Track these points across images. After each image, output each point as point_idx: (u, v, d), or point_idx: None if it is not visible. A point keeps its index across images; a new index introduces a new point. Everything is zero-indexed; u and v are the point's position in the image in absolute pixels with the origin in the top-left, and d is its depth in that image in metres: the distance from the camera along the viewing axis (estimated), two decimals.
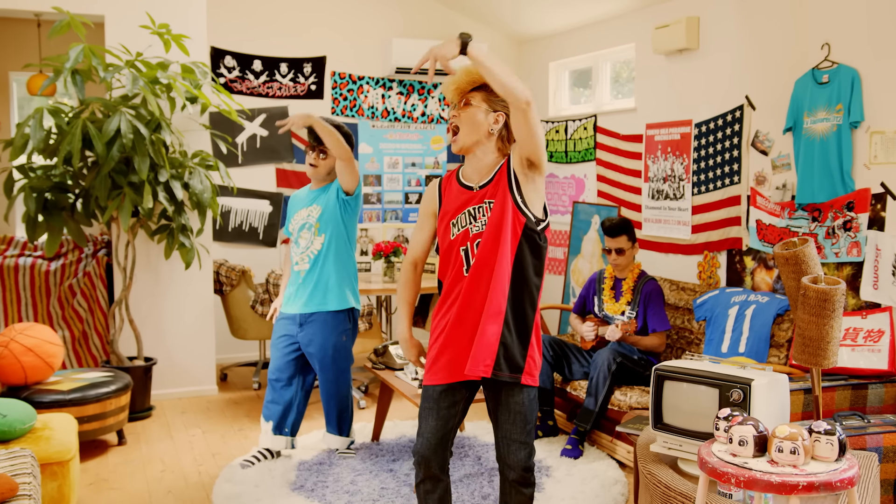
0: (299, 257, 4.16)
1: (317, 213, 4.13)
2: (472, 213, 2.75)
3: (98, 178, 4.80)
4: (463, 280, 2.75)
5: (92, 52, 4.66)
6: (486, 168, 2.77)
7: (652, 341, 4.72)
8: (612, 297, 4.90)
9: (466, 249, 2.74)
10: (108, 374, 4.72)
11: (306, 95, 6.77)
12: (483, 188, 2.75)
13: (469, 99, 2.73)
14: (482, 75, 2.60)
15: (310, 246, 4.12)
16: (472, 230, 2.74)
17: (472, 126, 2.73)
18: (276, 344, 4.23)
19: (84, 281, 5.56)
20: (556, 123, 6.81)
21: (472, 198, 2.77)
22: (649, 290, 4.78)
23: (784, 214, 4.62)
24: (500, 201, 2.70)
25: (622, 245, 4.81)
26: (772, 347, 4.30)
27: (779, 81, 4.65)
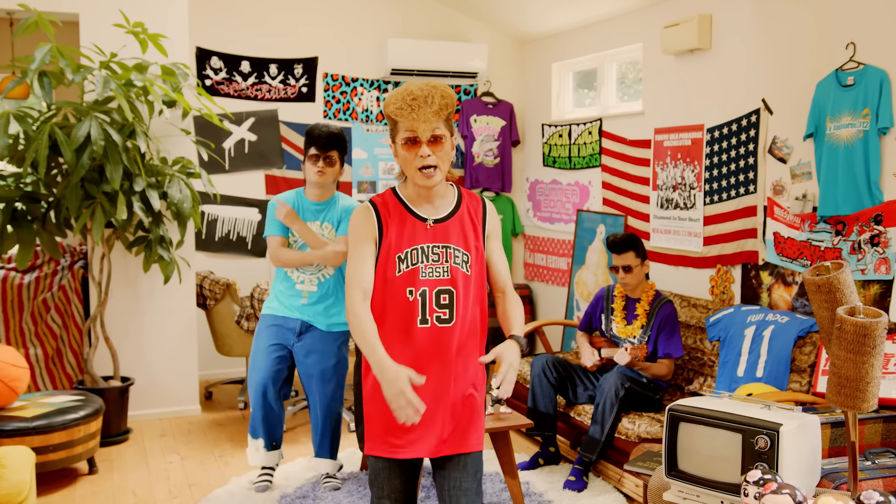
0: (306, 277, 3.93)
1: (331, 236, 3.96)
2: (426, 251, 2.40)
3: (69, 188, 4.48)
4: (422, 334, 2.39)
5: (60, 52, 4.34)
6: (436, 196, 2.44)
7: (660, 370, 4.40)
8: (624, 317, 4.57)
9: (424, 296, 2.38)
10: (79, 397, 4.41)
11: (297, 98, 6.45)
12: (440, 223, 2.43)
13: (439, 133, 2.35)
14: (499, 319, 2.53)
15: (322, 269, 3.93)
16: (428, 273, 2.38)
17: (448, 161, 2.41)
18: (266, 352, 3.92)
19: (58, 295, 5.25)
20: (560, 127, 6.49)
21: (423, 231, 2.41)
22: (666, 314, 4.45)
23: (804, 227, 4.28)
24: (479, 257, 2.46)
25: (629, 262, 4.48)
26: (792, 372, 3.97)
27: (798, 83, 4.32)
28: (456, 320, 2.39)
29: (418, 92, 2.32)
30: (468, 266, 2.42)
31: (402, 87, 2.36)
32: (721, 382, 4.28)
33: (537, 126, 6.85)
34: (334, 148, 3.85)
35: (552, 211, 6.65)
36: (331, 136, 3.83)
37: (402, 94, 2.33)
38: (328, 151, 3.83)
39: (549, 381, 4.43)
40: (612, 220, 5.86)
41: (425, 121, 2.31)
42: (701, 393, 4.51)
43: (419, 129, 2.32)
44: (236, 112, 6.20)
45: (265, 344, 3.91)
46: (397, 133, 2.37)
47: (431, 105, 2.32)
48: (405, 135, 2.34)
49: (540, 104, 6.83)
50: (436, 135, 2.34)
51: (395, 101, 2.34)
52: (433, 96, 2.32)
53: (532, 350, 6.71)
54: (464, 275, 2.41)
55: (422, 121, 2.31)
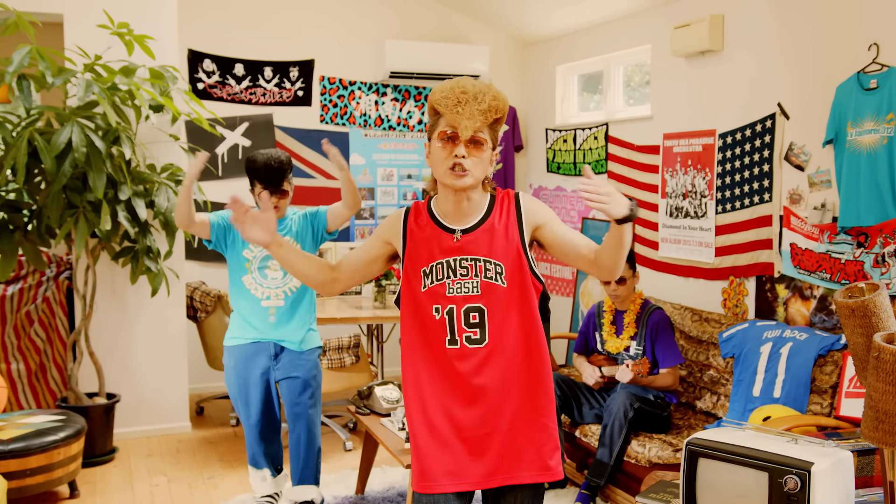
0: (272, 292, 3.65)
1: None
2: (453, 265, 2.19)
3: (50, 197, 4.27)
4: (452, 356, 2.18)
5: (40, 54, 4.13)
6: (470, 209, 2.23)
7: (665, 381, 4.18)
8: (613, 332, 4.36)
9: (452, 315, 2.18)
10: (60, 417, 4.19)
11: (293, 102, 6.24)
12: (467, 234, 2.20)
13: (481, 136, 2.15)
14: (614, 247, 2.09)
15: (288, 282, 3.66)
16: (455, 289, 2.18)
17: (483, 169, 2.18)
18: (253, 386, 3.65)
19: (42, 307, 5.04)
20: (564, 132, 6.27)
21: (450, 244, 2.21)
22: (656, 320, 4.24)
23: (823, 238, 4.06)
24: (514, 264, 2.18)
25: (622, 274, 4.27)
26: (813, 393, 3.74)
27: (817, 87, 4.09)
28: (489, 340, 2.17)
29: (470, 87, 2.12)
30: (503, 277, 2.18)
31: (455, 80, 2.16)
32: (735, 402, 4.05)
33: (541, 131, 6.63)
34: (284, 180, 3.58)
35: None
36: (278, 172, 3.54)
37: (453, 85, 2.13)
38: (279, 185, 3.57)
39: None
40: None
41: (470, 117, 2.10)
42: (713, 413, 4.28)
43: (461, 126, 2.11)
44: (230, 117, 5.99)
45: (249, 377, 3.62)
46: (436, 128, 2.17)
47: (480, 103, 2.11)
48: (444, 129, 2.14)
49: (544, 108, 6.61)
50: (477, 138, 2.14)
51: (442, 91, 2.14)
52: (484, 94, 2.12)
53: None
54: (500, 288, 2.17)
55: (466, 116, 2.10)
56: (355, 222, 6.47)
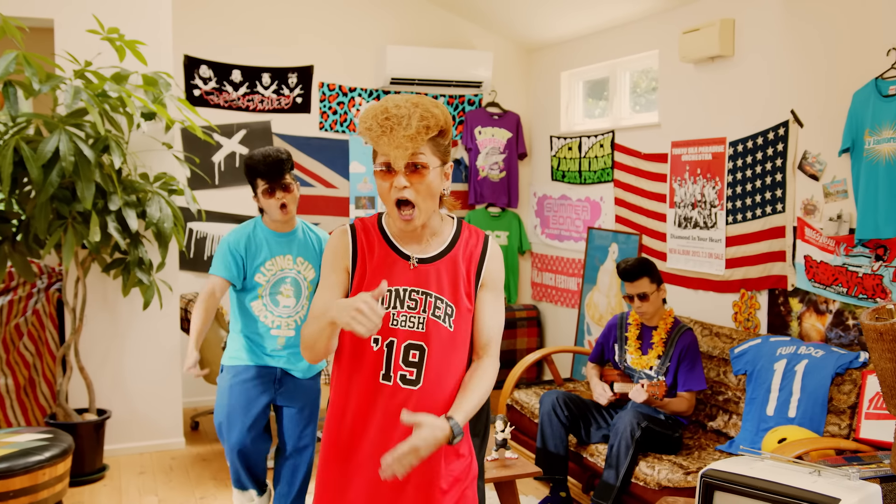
0: (283, 321, 3.39)
1: (311, 275, 3.46)
2: (402, 295, 1.99)
3: (37, 207, 4.13)
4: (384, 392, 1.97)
5: (27, 60, 3.99)
6: (426, 234, 2.03)
7: (680, 406, 4.02)
8: (639, 348, 4.20)
9: (390, 347, 1.97)
10: (46, 435, 4.03)
11: (291, 109, 6.10)
12: (424, 264, 2.01)
13: (420, 160, 1.92)
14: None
15: (300, 311, 3.42)
16: (400, 322, 1.98)
17: (431, 196, 1.96)
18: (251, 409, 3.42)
19: (32, 320, 4.89)
20: (569, 140, 6.11)
21: (403, 272, 2.01)
22: (686, 343, 4.07)
23: (839, 250, 3.90)
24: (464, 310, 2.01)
25: (644, 289, 4.11)
26: (830, 414, 3.57)
27: (832, 93, 3.94)
28: (424, 384, 1.96)
29: (394, 109, 1.88)
30: (451, 321, 1.99)
31: (380, 101, 1.93)
32: (748, 421, 3.89)
33: (545, 138, 6.47)
34: (286, 172, 3.35)
35: (561, 228, 6.27)
36: (277, 163, 3.31)
37: (376, 110, 1.90)
38: (281, 179, 3.33)
39: (559, 420, 4.06)
40: (625, 239, 5.48)
41: (398, 146, 1.88)
42: (725, 432, 4.12)
43: (391, 157, 1.90)
44: (227, 124, 5.85)
45: (241, 402, 3.36)
46: (375, 158, 1.97)
47: (407, 127, 1.86)
48: (379, 160, 1.94)
49: (548, 115, 6.46)
50: (415, 162, 1.91)
51: (365, 120, 1.92)
52: (410, 116, 1.87)
53: (539, 379, 6.31)
54: (446, 331, 1.98)
55: (394, 146, 1.88)
56: None
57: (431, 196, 1.96)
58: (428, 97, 1.95)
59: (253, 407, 3.38)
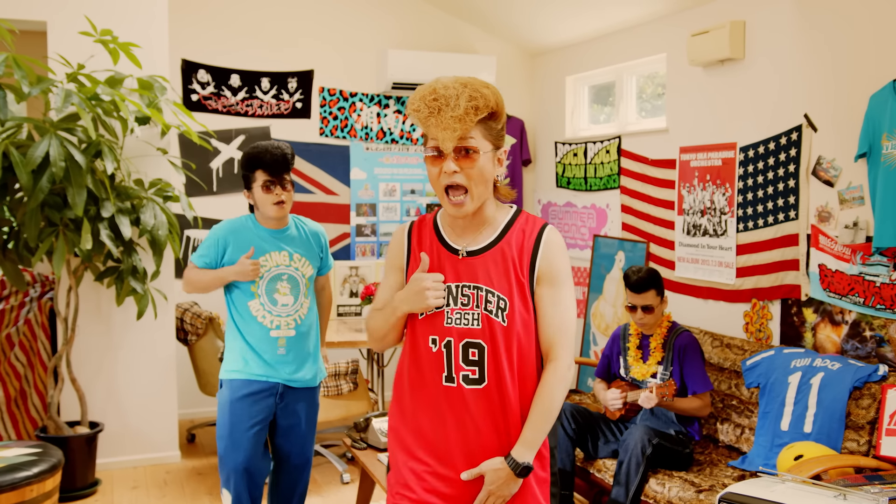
0: (282, 321, 3.23)
1: (308, 272, 3.31)
2: (454, 292, 1.91)
3: (27, 214, 4.01)
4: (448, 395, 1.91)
5: (16, 62, 3.87)
6: (478, 225, 1.95)
7: (692, 404, 3.88)
8: (639, 357, 4.07)
9: (449, 348, 1.90)
10: (35, 450, 3.90)
11: (291, 114, 5.98)
12: (473, 256, 1.92)
13: (470, 144, 1.86)
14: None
15: (299, 309, 3.26)
16: (455, 319, 1.90)
17: (483, 181, 1.89)
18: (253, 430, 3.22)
19: (24, 330, 4.77)
20: (574, 146, 5.99)
21: (454, 267, 1.93)
22: (683, 343, 3.95)
23: (856, 259, 3.76)
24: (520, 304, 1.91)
25: (650, 301, 3.99)
26: (848, 429, 3.43)
27: (848, 96, 3.81)
28: (489, 382, 1.89)
29: (442, 90, 1.83)
30: (504, 315, 1.89)
31: (429, 84, 1.86)
32: (762, 436, 3.75)
33: (550, 144, 6.35)
34: (289, 169, 3.24)
35: (566, 236, 6.14)
36: (284, 158, 3.20)
37: (424, 91, 1.85)
38: (283, 174, 3.20)
39: (566, 434, 3.92)
40: (631, 247, 5.35)
41: (446, 127, 1.82)
42: (737, 447, 3.97)
43: (439, 139, 1.84)
44: (225, 129, 5.74)
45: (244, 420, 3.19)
46: (426, 144, 1.91)
47: (455, 108, 1.81)
48: (428, 145, 1.89)
49: (553, 120, 6.33)
50: (465, 146, 1.85)
51: (413, 101, 1.87)
52: (458, 96, 1.81)
53: None
54: (499, 325, 1.88)
55: (441, 128, 1.82)
56: (356, 240, 6.19)
57: (484, 181, 1.89)
58: (478, 78, 1.86)
59: (256, 425, 3.22)
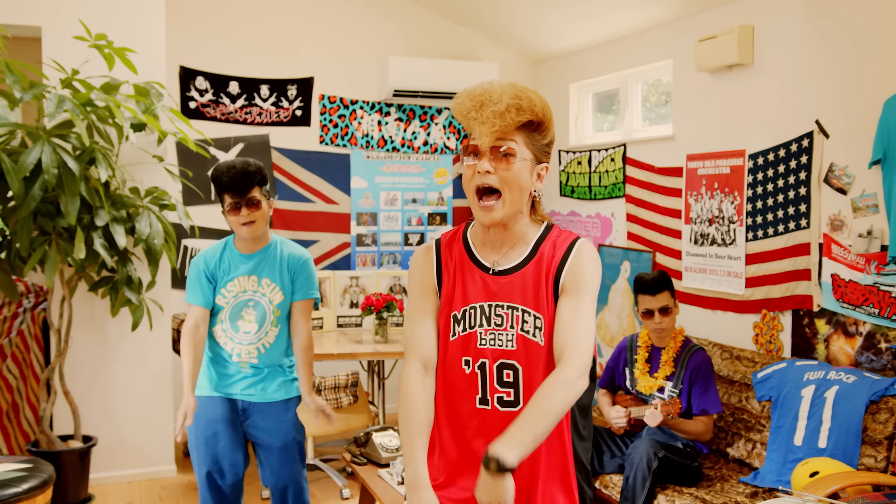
0: (243, 349, 3.08)
1: (277, 298, 3.10)
2: (487, 312, 1.82)
3: (19, 223, 3.91)
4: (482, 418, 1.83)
5: (9, 67, 3.78)
6: (510, 240, 1.86)
7: (697, 427, 3.77)
8: (647, 371, 3.96)
9: (483, 369, 1.82)
10: (26, 465, 3.79)
11: (291, 122, 5.89)
12: (506, 276, 1.83)
13: (509, 146, 1.78)
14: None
15: (263, 337, 3.09)
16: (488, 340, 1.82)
17: (518, 187, 1.80)
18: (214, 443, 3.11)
19: (16, 341, 4.66)
20: (579, 154, 5.89)
21: (484, 286, 1.84)
22: (698, 362, 3.83)
23: (870, 269, 3.66)
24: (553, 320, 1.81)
25: (666, 302, 3.88)
26: (865, 444, 3.31)
27: (861, 102, 3.71)
28: (523, 404, 1.80)
29: (489, 87, 1.77)
30: (542, 334, 1.80)
31: (481, 82, 1.81)
32: (774, 451, 3.63)
33: (554, 152, 6.26)
34: (254, 185, 3.04)
35: None
36: (245, 175, 3.00)
37: (473, 88, 1.79)
38: (248, 194, 3.01)
39: None
40: (637, 257, 5.24)
41: (484, 122, 1.74)
42: (748, 463, 3.86)
43: (476, 133, 1.76)
44: (224, 137, 5.64)
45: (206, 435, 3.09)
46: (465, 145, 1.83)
47: (497, 103, 1.73)
48: (469, 143, 1.81)
49: (557, 128, 6.21)
50: (504, 148, 1.77)
51: (459, 96, 1.80)
52: (503, 93, 1.75)
53: None
54: (536, 346, 1.79)
55: (480, 121, 1.74)
56: (357, 249, 6.09)
57: (519, 188, 1.79)
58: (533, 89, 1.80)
59: (219, 440, 3.10)
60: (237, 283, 3.07)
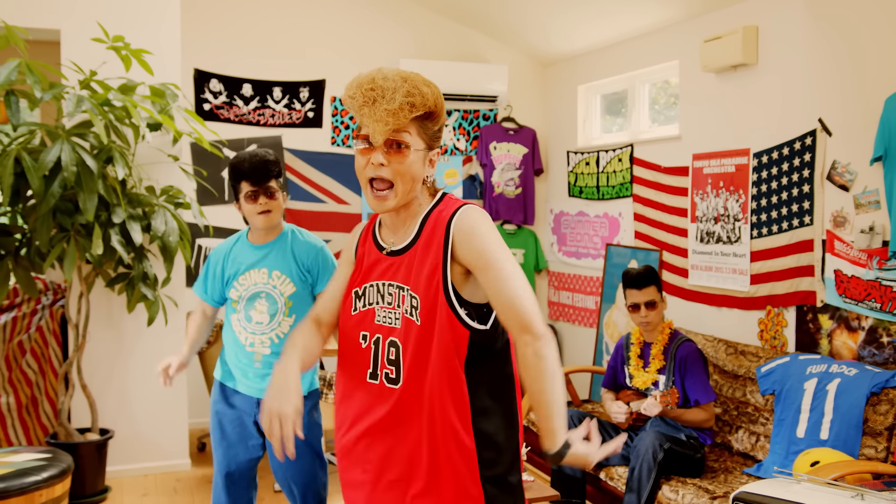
0: (257, 339, 3.11)
1: (289, 289, 3.14)
2: (381, 290, 1.90)
3: (38, 219, 4.02)
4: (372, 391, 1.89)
5: (29, 68, 3.90)
6: (403, 222, 1.92)
7: (697, 416, 3.84)
8: (641, 366, 4.03)
9: (377, 345, 1.89)
10: (45, 455, 3.89)
11: (303, 124, 5.99)
12: (396, 255, 1.89)
13: (402, 139, 1.81)
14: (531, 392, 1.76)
15: (276, 328, 3.11)
16: (382, 319, 1.89)
17: (411, 178, 1.84)
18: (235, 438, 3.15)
19: (35, 337, 4.78)
20: (587, 155, 5.97)
21: (380, 265, 1.91)
22: (685, 353, 3.91)
23: (872, 264, 3.72)
24: (430, 298, 1.82)
25: (652, 297, 3.96)
26: (866, 436, 3.37)
27: (862, 100, 3.78)
28: (403, 382, 1.83)
29: (381, 81, 1.78)
30: (417, 313, 1.83)
31: (369, 72, 1.82)
32: (777, 443, 3.69)
33: (562, 153, 6.33)
34: (272, 177, 3.09)
35: (579, 245, 6.11)
36: (264, 164, 3.06)
37: (363, 79, 1.80)
38: (266, 182, 3.06)
39: None
40: (644, 256, 5.30)
41: (378, 119, 1.77)
42: (752, 455, 3.92)
43: (370, 131, 1.79)
44: (237, 138, 5.75)
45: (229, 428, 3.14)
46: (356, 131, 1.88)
47: (391, 101, 1.76)
48: (360, 134, 1.85)
49: (565, 129, 6.32)
50: (396, 140, 1.81)
51: (350, 87, 1.83)
52: (396, 90, 1.76)
53: None
54: (415, 326, 1.82)
55: (374, 119, 1.78)
56: None
57: (411, 179, 1.84)
58: (421, 75, 1.82)
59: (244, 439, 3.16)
60: (248, 277, 3.13)
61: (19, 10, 4.49)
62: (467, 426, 1.81)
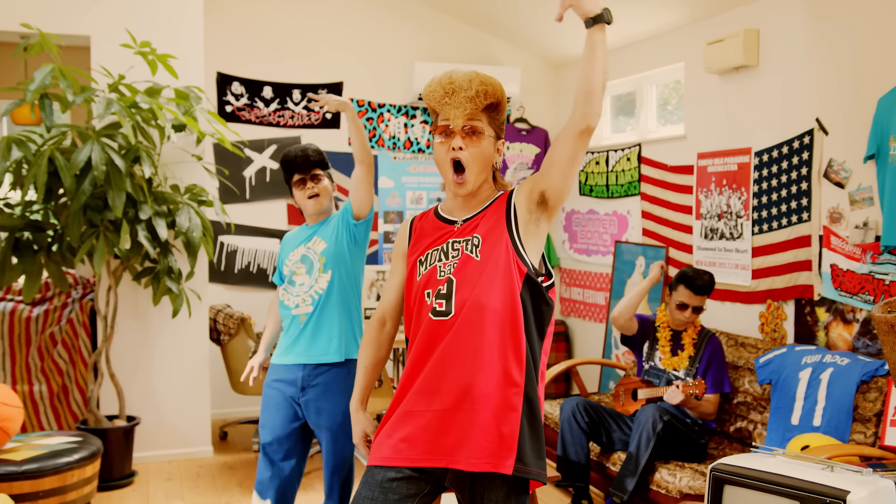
0: (300, 299, 3.36)
1: (321, 247, 3.39)
2: (445, 248, 2.11)
3: (70, 216, 4.25)
4: (434, 328, 2.05)
5: (62, 72, 4.12)
6: (474, 203, 2.17)
7: (707, 408, 4.00)
8: (670, 349, 4.19)
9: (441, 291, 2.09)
10: (76, 439, 4.12)
11: (321, 125, 6.20)
12: (467, 221, 2.14)
13: (476, 125, 2.09)
14: (585, 56, 1.97)
15: (314, 284, 3.36)
16: (443, 268, 2.09)
17: (483, 162, 2.11)
18: (274, 408, 3.46)
19: (66, 329, 5.01)
20: (597, 154, 6.13)
21: (449, 232, 2.14)
22: (713, 347, 4.10)
23: (866, 258, 3.85)
24: (493, 238, 2.06)
25: (702, 304, 4.14)
26: (855, 422, 3.52)
27: (857, 100, 3.92)
28: (454, 312, 2.03)
29: (457, 77, 2.08)
30: (478, 250, 2.06)
31: (444, 73, 2.11)
32: (773, 430, 3.84)
33: None
34: (316, 166, 3.40)
35: (589, 242, 6.27)
36: (307, 154, 3.39)
37: (441, 77, 2.10)
38: (312, 170, 3.38)
39: (580, 427, 4.04)
40: (652, 252, 5.46)
41: (457, 106, 2.06)
42: (750, 443, 4.07)
43: (451, 117, 2.07)
44: (258, 139, 5.97)
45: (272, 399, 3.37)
46: (435, 126, 2.14)
47: (467, 90, 2.05)
48: (439, 124, 2.12)
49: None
50: (473, 127, 2.08)
51: (430, 85, 2.11)
52: (471, 81, 2.06)
53: (567, 393, 6.29)
54: (473, 261, 2.05)
55: (454, 106, 2.06)
56: (384, 246, 6.38)
57: (484, 162, 2.10)
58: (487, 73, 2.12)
59: (282, 410, 3.35)
60: (296, 252, 3.43)
61: (53, 18, 4.72)
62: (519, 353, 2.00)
